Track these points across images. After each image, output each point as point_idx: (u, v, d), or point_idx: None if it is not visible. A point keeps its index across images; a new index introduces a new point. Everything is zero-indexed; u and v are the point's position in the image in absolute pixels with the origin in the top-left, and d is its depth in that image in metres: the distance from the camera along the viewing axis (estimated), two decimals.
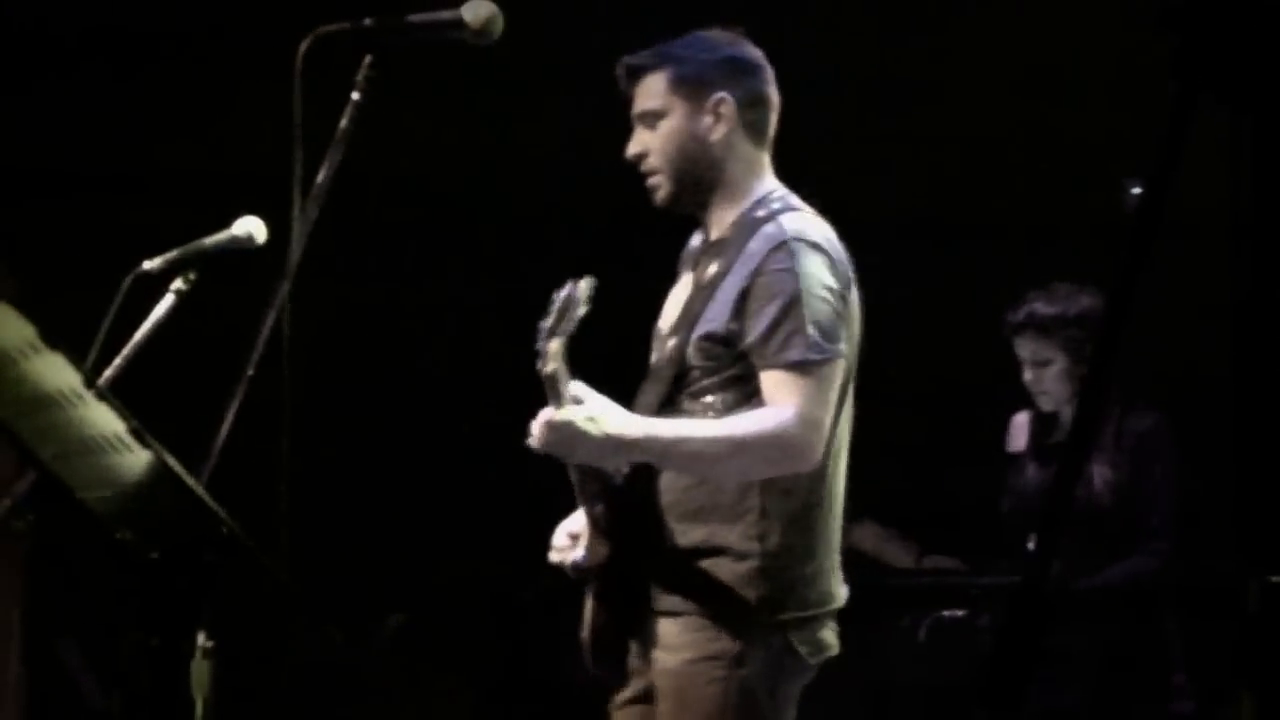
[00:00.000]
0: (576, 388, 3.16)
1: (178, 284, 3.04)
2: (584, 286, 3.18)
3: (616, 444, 3.18)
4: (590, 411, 3.15)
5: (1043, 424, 4.98)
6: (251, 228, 3.10)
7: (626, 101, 3.37)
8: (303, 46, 2.91)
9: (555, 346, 3.13)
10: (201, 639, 2.90)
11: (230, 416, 2.93)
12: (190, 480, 2.78)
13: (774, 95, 3.40)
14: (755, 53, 3.39)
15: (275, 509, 2.91)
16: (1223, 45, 1.69)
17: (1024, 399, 4.98)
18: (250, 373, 2.90)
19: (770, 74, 3.39)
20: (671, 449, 3.23)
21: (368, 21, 2.95)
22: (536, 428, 3.14)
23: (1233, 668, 1.76)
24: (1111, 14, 5.36)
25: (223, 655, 2.90)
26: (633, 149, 3.35)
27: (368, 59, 2.96)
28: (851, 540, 4.39)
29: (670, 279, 3.50)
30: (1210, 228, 2.04)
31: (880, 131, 6.04)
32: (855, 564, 4.45)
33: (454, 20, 2.96)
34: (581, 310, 3.16)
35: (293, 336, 2.89)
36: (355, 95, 2.96)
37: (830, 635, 3.31)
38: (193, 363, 3.85)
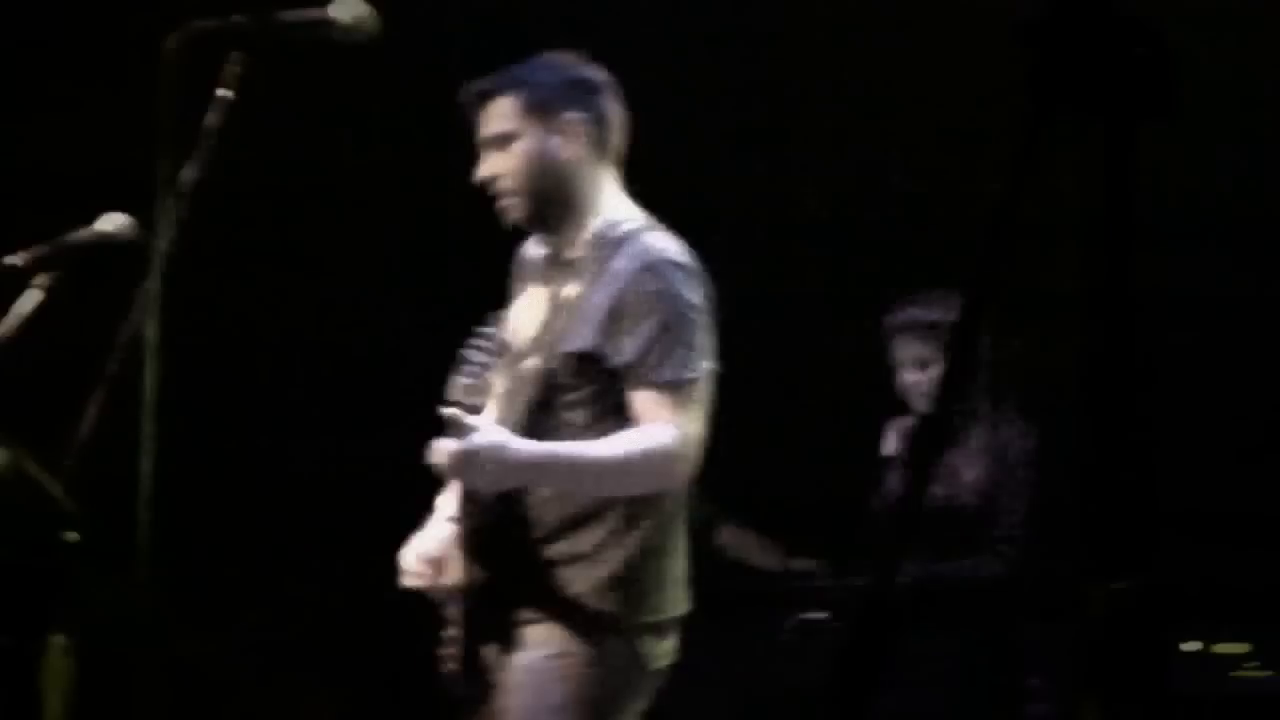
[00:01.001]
0: (473, 416, 3.20)
1: (42, 279, 3.02)
2: (488, 334, 3.25)
3: (518, 469, 3.25)
4: (492, 439, 3.20)
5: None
6: (118, 223, 3.07)
7: (470, 126, 3.41)
8: (170, 43, 2.90)
9: (464, 383, 3.17)
10: (59, 639, 2.91)
11: (93, 414, 2.93)
12: (44, 479, 2.78)
13: (619, 114, 3.46)
14: (599, 73, 3.46)
15: (136, 506, 2.90)
16: (1076, 59, 1.73)
17: (892, 401, 5.09)
18: (114, 370, 2.90)
19: (615, 93, 3.46)
20: (567, 471, 3.32)
21: (237, 18, 2.95)
22: (442, 456, 3.17)
23: (1075, 673, 1.81)
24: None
25: (88, 654, 2.91)
26: (484, 172, 3.38)
27: (235, 55, 2.95)
28: (717, 543, 4.48)
29: None
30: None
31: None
32: (721, 567, 4.52)
33: (322, 19, 2.97)
34: (484, 358, 3.23)
35: (160, 334, 2.88)
36: (223, 92, 2.95)
37: (674, 642, 3.39)
38: (56, 361, 3.81)
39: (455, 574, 3.35)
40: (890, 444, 5.15)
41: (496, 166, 3.37)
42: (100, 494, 2.89)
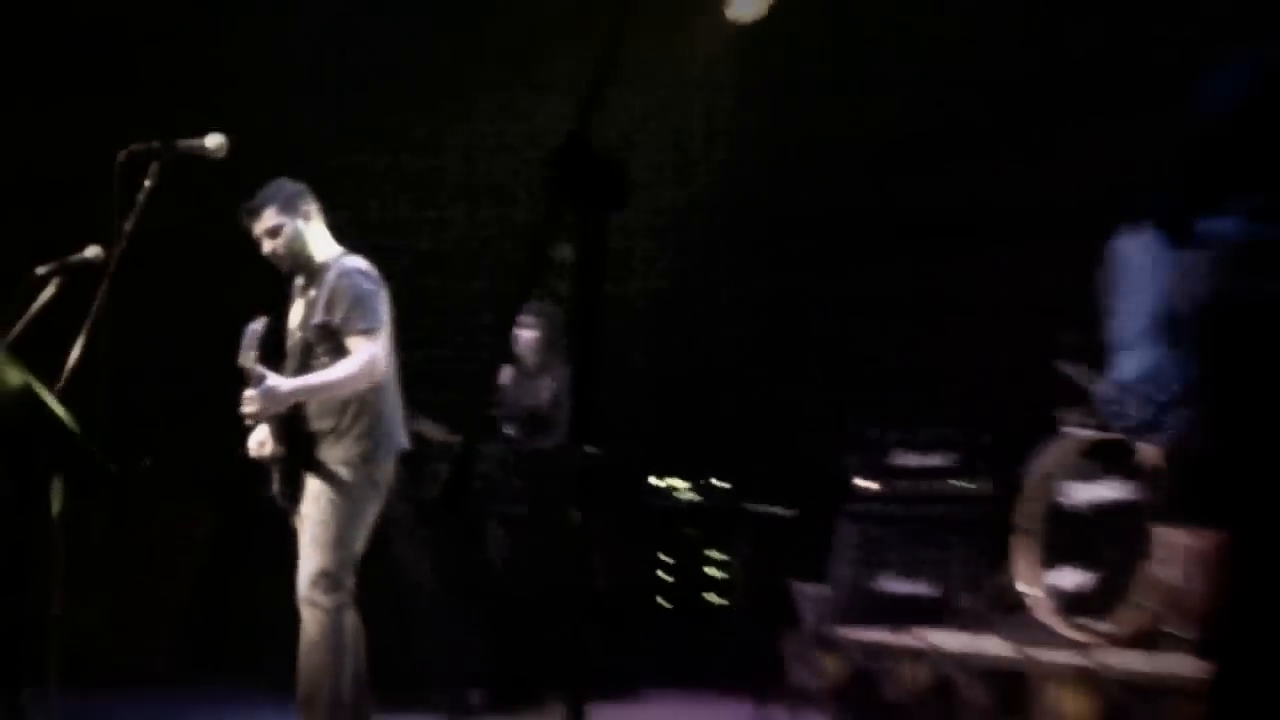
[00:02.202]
0: (263, 371, 5.86)
1: (56, 282, 5.51)
2: (258, 326, 5.88)
3: (292, 395, 5.97)
4: (275, 382, 5.90)
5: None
6: (94, 252, 5.55)
7: (248, 229, 6.11)
8: (121, 157, 5.38)
9: (249, 356, 5.84)
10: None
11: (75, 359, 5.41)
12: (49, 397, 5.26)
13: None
14: (302, 185, 6.22)
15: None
16: (579, 175, 2.53)
17: None
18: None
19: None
20: (317, 389, 6.03)
21: (155, 144, 5.47)
22: (252, 405, 5.87)
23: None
24: None
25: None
26: (267, 249, 6.16)
27: (154, 166, 5.46)
28: (416, 427, 7.38)
29: None
30: None
31: None
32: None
33: (201, 145, 5.56)
34: (254, 341, 5.87)
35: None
36: (149, 182, 5.46)
37: (395, 468, 6.18)
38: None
39: (271, 447, 6.09)
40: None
41: (274, 246, 6.17)
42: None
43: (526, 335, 8.20)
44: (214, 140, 5.57)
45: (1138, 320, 3.26)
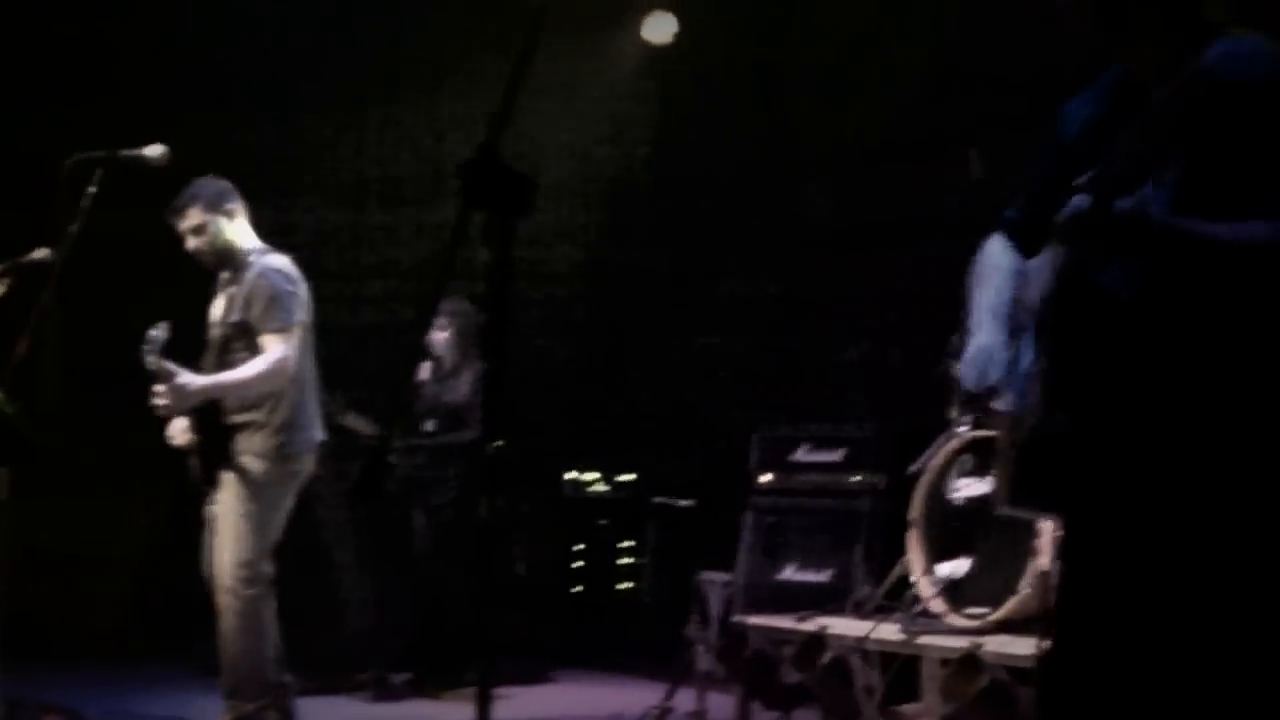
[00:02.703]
0: (173, 369, 6.12)
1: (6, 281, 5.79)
2: (159, 332, 6.12)
3: (201, 392, 6.23)
4: (185, 380, 6.16)
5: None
6: (43, 254, 5.83)
7: (173, 226, 6.36)
8: (66, 166, 5.67)
9: (152, 358, 6.09)
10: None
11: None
12: None
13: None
14: (226, 183, 6.46)
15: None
16: (488, 184, 2.69)
17: None
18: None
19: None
20: (230, 388, 6.29)
21: (98, 153, 5.75)
22: (163, 400, 6.13)
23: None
24: None
25: None
26: (191, 246, 6.40)
27: (98, 172, 5.75)
28: (341, 420, 7.69)
29: None
30: None
31: None
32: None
33: (141, 155, 5.85)
34: (157, 345, 6.12)
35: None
36: (91, 189, 5.75)
37: (312, 459, 6.46)
38: None
39: (188, 437, 6.36)
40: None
41: (197, 242, 6.41)
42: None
43: (441, 334, 8.52)
44: (154, 150, 5.87)
45: (988, 308, 3.44)
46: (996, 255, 3.57)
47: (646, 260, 9.86)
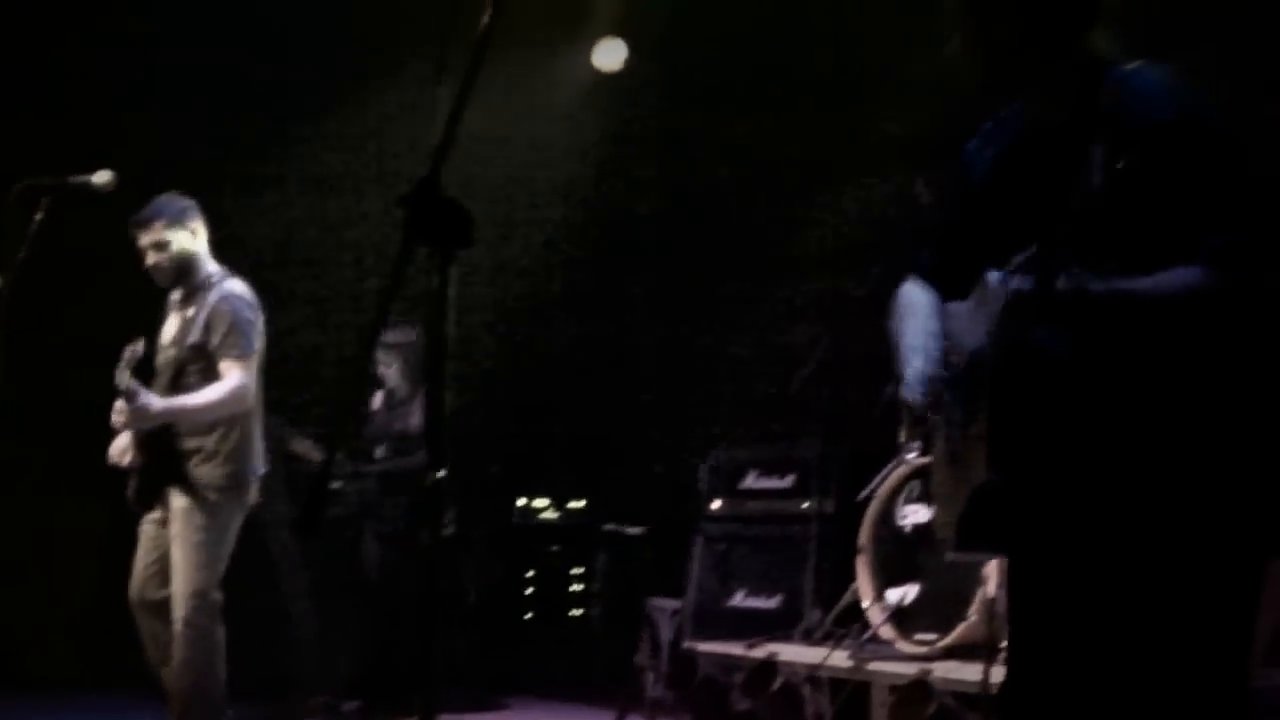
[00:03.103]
0: (138, 388, 6.13)
1: None
2: (135, 349, 6.15)
3: (162, 414, 6.23)
4: (147, 401, 6.15)
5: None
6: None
7: (135, 239, 6.34)
8: (13, 192, 5.66)
9: (125, 375, 6.10)
10: None
11: None
12: None
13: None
14: (191, 200, 6.45)
15: None
16: (429, 216, 2.75)
17: None
18: None
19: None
20: (189, 413, 6.30)
21: (48, 179, 5.74)
22: (124, 417, 6.14)
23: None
24: None
25: None
26: (152, 261, 6.38)
27: (46, 198, 5.74)
28: (289, 447, 7.68)
29: None
30: None
31: None
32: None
33: (89, 181, 5.85)
34: (132, 362, 6.15)
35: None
36: (39, 216, 5.74)
37: (257, 487, 6.46)
38: None
39: (130, 457, 6.34)
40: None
41: (158, 257, 6.39)
42: None
43: (389, 365, 8.56)
44: (102, 176, 5.87)
45: (918, 340, 3.45)
46: (915, 293, 3.60)
47: (595, 288, 9.88)
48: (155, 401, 6.19)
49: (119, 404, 6.20)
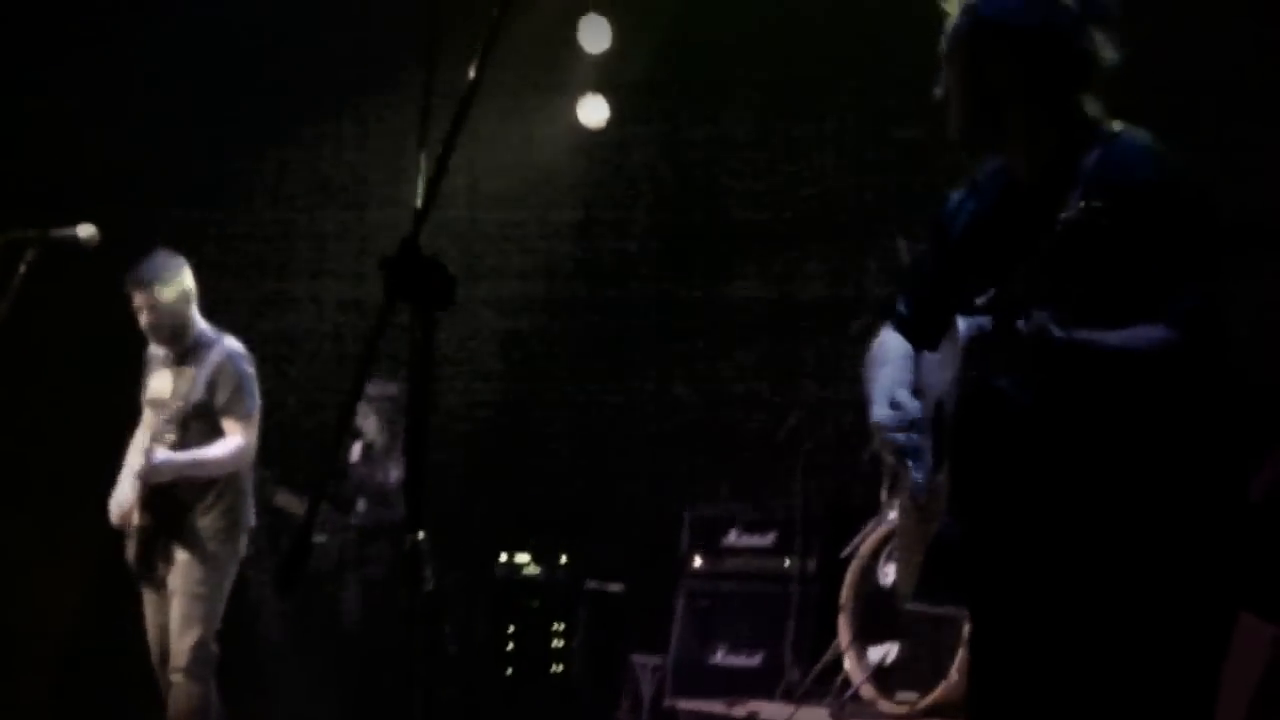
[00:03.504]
0: (153, 449, 6.24)
1: None
2: None
3: (178, 468, 6.31)
4: (165, 456, 6.24)
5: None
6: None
7: (130, 298, 6.42)
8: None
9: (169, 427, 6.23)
10: None
11: None
12: None
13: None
14: (181, 258, 6.54)
15: None
16: (410, 277, 2.68)
17: None
18: None
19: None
20: (204, 468, 6.39)
21: (33, 231, 5.74)
22: (148, 476, 6.21)
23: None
24: None
25: None
26: (147, 321, 6.50)
27: (30, 251, 5.72)
28: (274, 501, 7.68)
29: None
30: None
31: None
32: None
33: (73, 234, 5.84)
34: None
35: None
36: (23, 269, 5.72)
37: (248, 539, 6.54)
38: None
39: (136, 517, 6.38)
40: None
41: (158, 316, 6.48)
42: None
43: (366, 417, 8.59)
44: (86, 230, 5.86)
45: (887, 389, 3.46)
46: (891, 343, 3.63)
47: (578, 343, 9.88)
48: (171, 457, 6.31)
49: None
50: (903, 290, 3.72)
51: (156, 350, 6.59)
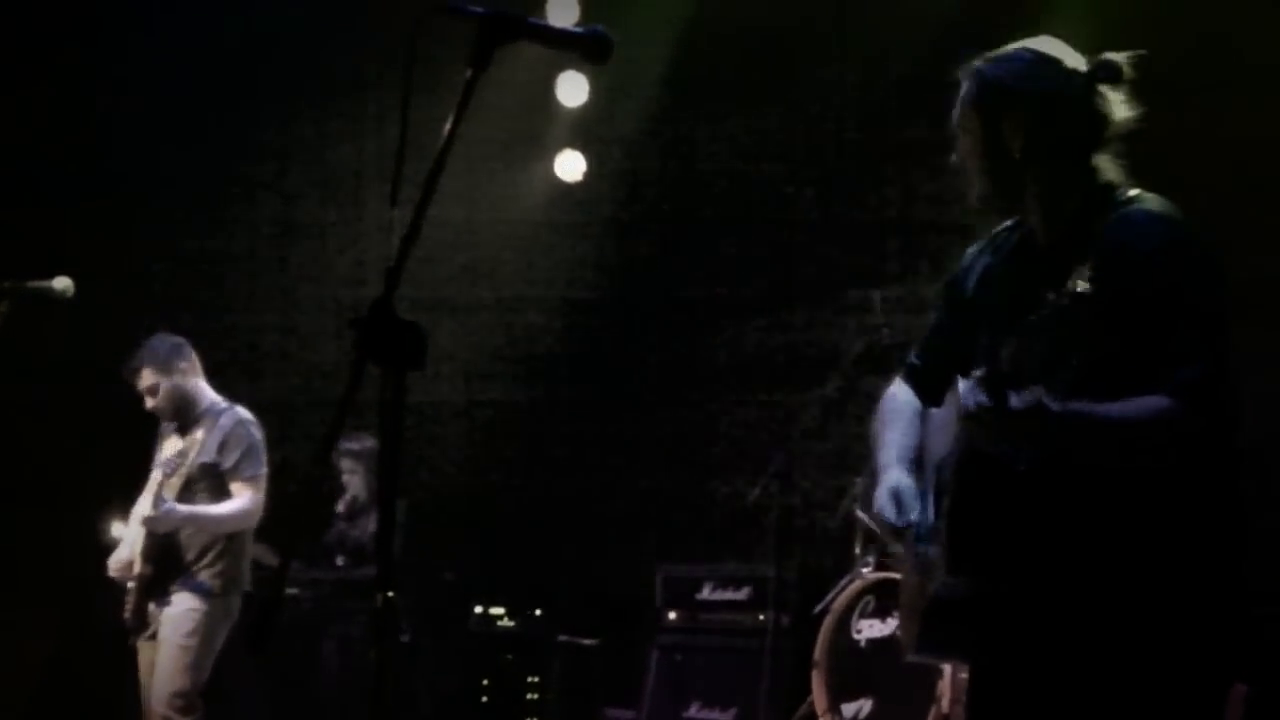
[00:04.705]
0: (163, 498, 6.29)
1: None
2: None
3: (185, 520, 6.38)
4: (173, 506, 6.29)
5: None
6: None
7: (131, 384, 6.53)
8: None
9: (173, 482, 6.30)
10: None
11: None
12: None
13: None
14: (179, 339, 6.68)
15: None
16: (382, 337, 2.75)
17: None
18: None
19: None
20: (209, 522, 6.50)
21: (6, 283, 5.73)
22: (152, 522, 6.28)
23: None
24: None
25: None
26: (150, 405, 6.60)
27: (5, 303, 5.73)
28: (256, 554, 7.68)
29: None
30: None
31: None
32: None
33: (49, 287, 5.85)
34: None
35: None
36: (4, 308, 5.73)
37: (239, 600, 6.61)
38: None
39: (137, 569, 6.46)
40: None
41: (159, 402, 6.58)
42: None
43: (353, 473, 8.62)
44: (61, 282, 5.87)
45: (896, 449, 3.55)
46: (902, 398, 3.67)
47: (553, 399, 9.90)
48: (179, 508, 6.36)
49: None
50: (919, 343, 3.76)
51: (166, 423, 6.71)
